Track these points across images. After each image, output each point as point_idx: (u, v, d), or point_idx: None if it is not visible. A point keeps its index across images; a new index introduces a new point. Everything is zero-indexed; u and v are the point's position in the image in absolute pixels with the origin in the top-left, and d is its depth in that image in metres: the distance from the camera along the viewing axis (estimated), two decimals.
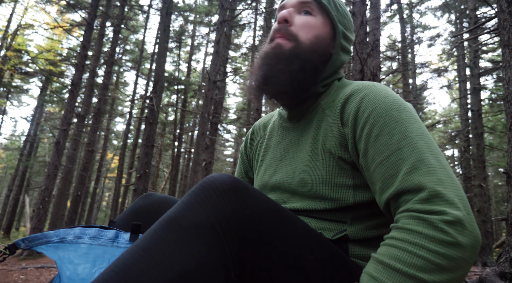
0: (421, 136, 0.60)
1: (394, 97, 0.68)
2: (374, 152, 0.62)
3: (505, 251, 2.73)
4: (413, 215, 0.53)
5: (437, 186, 0.53)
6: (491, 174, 18.56)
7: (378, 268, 0.51)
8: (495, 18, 3.75)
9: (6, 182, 24.87)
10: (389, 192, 0.58)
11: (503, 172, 2.97)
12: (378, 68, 4.70)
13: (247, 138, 1.02)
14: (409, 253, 0.49)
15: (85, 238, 0.67)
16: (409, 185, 0.55)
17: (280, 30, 0.77)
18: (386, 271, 0.50)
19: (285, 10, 0.78)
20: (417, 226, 0.51)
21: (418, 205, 0.53)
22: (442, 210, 0.51)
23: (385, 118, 0.63)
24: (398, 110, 0.64)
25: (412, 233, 0.51)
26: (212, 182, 0.51)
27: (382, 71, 14.72)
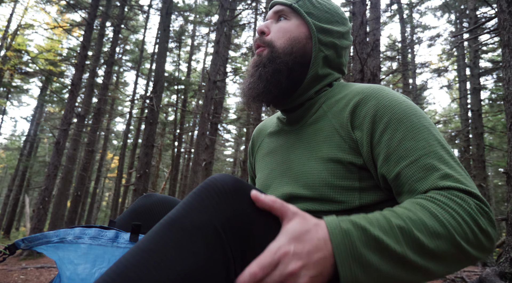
0: (441, 141, 0.65)
1: (409, 102, 0.71)
2: (398, 156, 0.65)
3: (505, 251, 2.73)
4: (452, 194, 0.56)
5: (473, 189, 0.58)
6: (491, 174, 18.56)
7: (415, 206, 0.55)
8: (495, 18, 3.75)
9: (6, 182, 24.88)
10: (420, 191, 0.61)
11: (503, 172, 2.97)
12: (378, 68, 4.70)
13: (250, 148, 1.04)
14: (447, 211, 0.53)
15: (85, 238, 0.67)
16: (445, 185, 0.59)
17: (257, 41, 0.83)
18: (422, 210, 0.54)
19: (263, 23, 0.84)
20: (459, 200, 0.55)
21: (457, 192, 0.57)
22: (481, 204, 0.56)
23: (407, 124, 0.66)
24: (417, 116, 0.68)
25: (452, 201, 0.55)
26: (214, 183, 0.51)
27: (382, 71, 14.73)
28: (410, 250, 0.50)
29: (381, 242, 0.49)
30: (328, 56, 0.81)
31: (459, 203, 0.55)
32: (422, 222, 0.52)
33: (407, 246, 0.50)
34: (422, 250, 0.50)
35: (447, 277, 4.31)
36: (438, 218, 0.52)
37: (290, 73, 0.79)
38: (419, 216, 0.52)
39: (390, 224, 0.51)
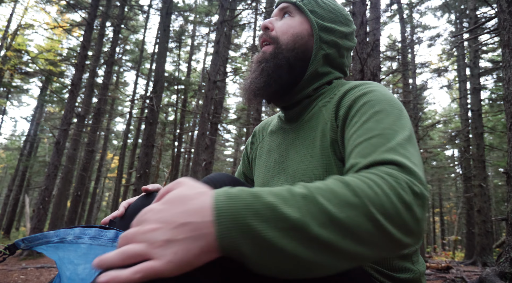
0: (408, 130, 0.60)
1: (391, 95, 0.70)
2: (358, 135, 0.62)
3: (505, 251, 2.73)
4: (382, 170, 0.49)
5: (414, 167, 0.51)
6: (491, 174, 18.56)
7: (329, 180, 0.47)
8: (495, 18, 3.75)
9: (6, 182, 24.88)
10: (361, 164, 0.55)
11: (503, 172, 2.97)
12: (378, 68, 4.69)
13: (249, 141, 1.05)
14: (365, 183, 0.45)
15: (85, 238, 0.67)
16: (384, 159, 0.53)
17: (262, 36, 0.84)
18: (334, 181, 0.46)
19: (267, 20, 0.86)
20: (383, 174, 0.48)
21: (390, 169, 0.50)
22: (413, 180, 0.48)
23: (377, 109, 0.65)
24: (391, 105, 0.66)
25: (375, 175, 0.47)
26: (211, 181, 0.52)
27: (382, 71, 14.72)
28: (314, 220, 0.40)
29: (276, 210, 0.40)
30: (329, 55, 0.82)
31: (383, 176, 0.47)
32: (331, 190, 0.44)
33: (310, 216, 0.40)
34: (330, 221, 0.40)
35: (447, 277, 4.30)
36: (350, 187, 0.44)
37: (290, 69, 0.80)
38: (329, 186, 0.45)
39: (291, 192, 0.43)
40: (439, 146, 16.59)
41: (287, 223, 0.39)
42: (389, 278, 0.68)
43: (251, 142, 1.03)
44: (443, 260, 8.94)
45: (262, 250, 0.39)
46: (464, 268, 6.68)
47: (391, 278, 0.68)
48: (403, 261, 0.71)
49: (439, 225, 24.10)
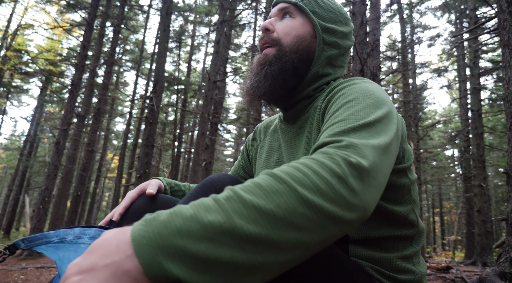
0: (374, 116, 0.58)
1: (371, 87, 0.67)
2: (326, 124, 0.61)
3: (505, 251, 2.73)
4: (320, 151, 0.48)
5: (358, 141, 0.49)
6: (491, 174, 18.56)
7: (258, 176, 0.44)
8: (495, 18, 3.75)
9: (6, 182, 24.87)
10: (313, 148, 0.55)
11: (503, 172, 2.97)
12: (378, 68, 4.69)
13: (249, 139, 1.05)
14: (292, 166, 0.44)
15: (85, 238, 0.67)
16: (330, 140, 0.52)
17: (263, 38, 0.82)
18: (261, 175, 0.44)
19: (267, 20, 0.83)
20: (317, 155, 0.46)
21: (327, 148, 0.49)
22: (349, 154, 0.46)
23: (349, 98, 0.64)
24: (365, 96, 0.64)
25: (307, 159, 0.46)
26: (212, 182, 0.52)
27: (382, 71, 14.72)
28: (242, 220, 0.37)
29: (199, 221, 0.36)
30: (331, 56, 0.82)
31: (315, 157, 0.45)
32: (256, 184, 0.41)
33: (236, 215, 0.37)
34: (258, 214, 0.38)
35: (447, 277, 4.30)
36: (276, 176, 0.42)
37: (295, 72, 0.79)
38: (254, 181, 0.42)
39: (215, 198, 0.40)
40: (439, 146, 16.59)
41: (214, 230, 0.36)
42: (391, 279, 0.68)
43: (252, 140, 1.03)
44: (443, 260, 8.94)
45: (197, 267, 0.35)
46: (464, 268, 6.68)
47: (392, 279, 0.68)
48: (404, 262, 0.70)
49: (439, 225, 24.10)
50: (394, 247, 0.71)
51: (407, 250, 0.72)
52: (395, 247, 0.71)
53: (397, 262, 0.69)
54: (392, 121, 0.61)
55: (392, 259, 0.69)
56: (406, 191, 0.73)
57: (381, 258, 0.69)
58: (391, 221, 0.71)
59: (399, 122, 0.66)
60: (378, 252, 0.70)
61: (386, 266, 0.69)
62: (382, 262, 0.69)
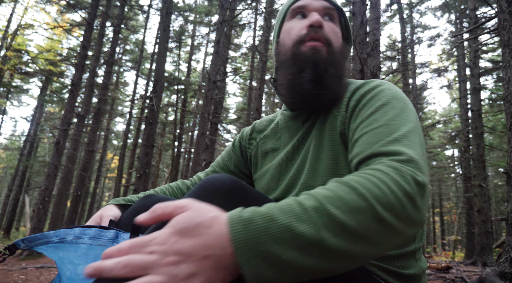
0: (412, 122, 0.62)
1: (398, 90, 0.72)
2: (363, 125, 0.65)
3: (505, 251, 2.73)
4: (386, 164, 0.51)
5: (417, 156, 0.53)
6: (491, 174, 18.56)
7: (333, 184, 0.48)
8: (495, 18, 3.75)
9: (6, 182, 24.88)
10: (364, 154, 0.58)
11: (503, 172, 2.97)
12: (378, 68, 4.69)
13: (246, 135, 1.01)
14: (370, 181, 0.47)
15: (85, 238, 0.67)
16: (388, 150, 0.55)
17: (318, 33, 0.77)
18: (340, 185, 0.47)
19: (316, 15, 0.79)
20: (387, 169, 0.49)
21: (392, 162, 0.52)
22: (415, 171, 0.50)
23: (383, 101, 0.67)
24: (397, 100, 0.67)
25: (380, 172, 0.49)
26: (211, 183, 0.51)
27: (382, 71, 14.72)
28: (329, 233, 0.41)
29: (293, 230, 0.40)
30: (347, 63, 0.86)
31: (387, 172, 0.49)
32: (340, 197, 0.44)
33: (325, 229, 0.41)
34: (342, 231, 0.42)
35: (447, 277, 4.30)
36: (357, 191, 0.45)
37: (341, 80, 0.78)
38: (337, 192, 0.45)
39: (303, 206, 0.43)
40: (439, 146, 16.59)
41: (304, 241, 0.40)
42: (393, 274, 0.69)
43: (250, 137, 1.00)
44: (443, 260, 8.94)
45: (284, 271, 0.40)
46: (464, 268, 6.68)
47: (394, 274, 0.69)
48: (407, 258, 0.71)
49: (439, 225, 24.10)
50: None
51: (411, 247, 0.72)
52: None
53: (400, 258, 0.70)
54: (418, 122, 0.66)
55: (395, 256, 0.70)
56: None
57: (386, 255, 0.69)
58: None
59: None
60: None
61: (389, 262, 0.69)
62: (384, 257, 0.69)
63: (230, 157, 1.03)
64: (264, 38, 11.19)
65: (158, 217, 0.43)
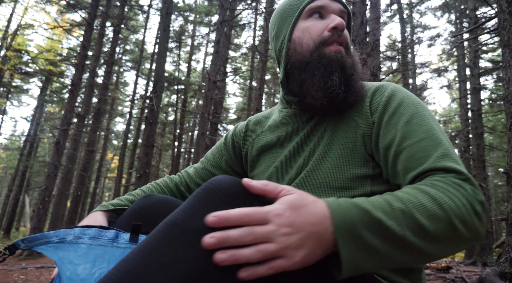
0: (442, 132, 0.68)
1: (416, 97, 0.75)
2: (401, 137, 0.68)
3: (505, 251, 2.73)
4: (451, 180, 0.57)
5: (469, 174, 0.59)
6: (491, 174, 18.56)
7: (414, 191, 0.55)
8: (495, 18, 3.75)
9: (6, 182, 24.88)
10: (419, 170, 0.62)
11: (503, 172, 2.97)
12: (378, 68, 4.69)
13: (240, 132, 0.99)
14: (446, 195, 0.54)
15: (85, 239, 0.67)
16: (443, 166, 0.60)
17: (341, 37, 0.78)
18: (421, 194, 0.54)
19: (339, 18, 0.78)
20: (455, 185, 0.56)
21: (455, 179, 0.58)
22: (476, 191, 0.57)
23: (413, 110, 0.70)
24: (423, 107, 0.72)
25: (450, 186, 0.56)
26: (219, 184, 0.51)
27: (382, 71, 14.71)
28: (410, 232, 0.49)
29: (382, 224, 0.49)
30: None
31: (457, 188, 0.56)
32: (422, 204, 0.52)
33: (407, 228, 0.50)
34: (422, 232, 0.50)
35: (447, 277, 4.30)
36: (437, 201, 0.53)
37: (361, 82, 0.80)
38: (419, 199, 0.53)
39: (392, 206, 0.51)
40: None
41: (390, 234, 0.49)
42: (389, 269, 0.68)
43: (244, 134, 0.98)
44: (443, 260, 8.94)
45: (370, 255, 0.48)
46: (464, 268, 6.68)
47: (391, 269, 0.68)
48: None
49: None
50: None
51: None
52: None
53: None
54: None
55: None
56: None
57: None
58: None
59: None
60: None
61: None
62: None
63: (222, 155, 1.00)
64: (264, 38, 11.19)
65: (268, 191, 0.50)
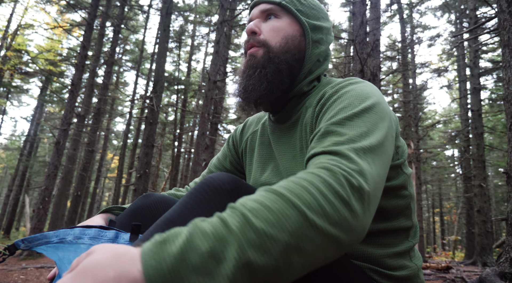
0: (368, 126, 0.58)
1: (365, 90, 0.67)
2: (319, 129, 0.61)
3: (505, 251, 2.73)
4: (322, 165, 0.48)
5: (357, 157, 0.49)
6: (491, 174, 18.55)
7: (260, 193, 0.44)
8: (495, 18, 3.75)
9: (6, 182, 24.87)
10: (311, 152, 0.55)
11: (503, 172, 2.97)
12: (378, 68, 4.69)
13: (237, 132, 1.03)
14: (299, 185, 0.43)
15: (85, 239, 0.67)
16: (329, 150, 0.52)
17: (249, 41, 0.81)
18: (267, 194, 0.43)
19: (251, 23, 0.82)
20: (319, 170, 0.47)
21: (331, 161, 0.48)
22: (351, 172, 0.46)
23: (345, 104, 0.63)
24: (360, 100, 0.63)
25: (311, 174, 0.46)
26: (211, 182, 0.51)
27: (382, 71, 14.72)
28: (255, 252, 0.37)
29: (216, 256, 0.36)
30: (320, 53, 0.82)
31: (319, 173, 0.45)
32: (266, 207, 0.40)
33: (251, 247, 0.37)
34: (271, 245, 0.38)
35: (447, 277, 4.30)
36: (285, 198, 0.41)
37: (290, 72, 0.79)
38: (263, 202, 0.41)
39: (226, 224, 0.38)
40: (439, 146, 16.59)
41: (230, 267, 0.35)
42: (387, 277, 0.68)
43: (241, 134, 1.01)
44: (443, 260, 8.94)
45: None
46: (464, 268, 6.68)
47: (388, 277, 0.68)
48: (400, 258, 0.71)
49: (439, 225, 24.10)
50: (391, 243, 0.71)
51: (404, 245, 0.72)
52: (392, 242, 0.71)
53: (392, 258, 0.70)
54: (384, 119, 0.61)
55: (389, 256, 0.69)
56: (402, 186, 0.74)
57: (377, 255, 0.69)
58: (388, 215, 0.72)
59: (392, 120, 0.67)
60: (375, 248, 0.70)
61: (382, 264, 0.69)
62: (377, 260, 0.69)
63: (226, 156, 1.03)
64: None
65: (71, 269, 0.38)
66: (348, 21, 15.31)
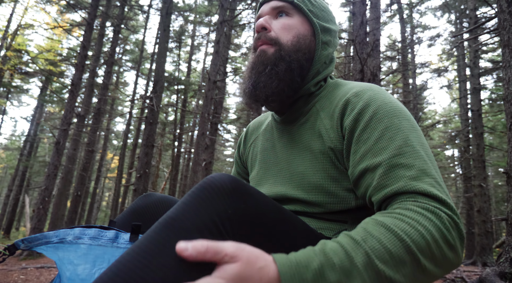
0: (421, 145, 0.62)
1: (395, 103, 0.69)
2: (372, 155, 0.62)
3: (505, 251, 2.73)
4: (422, 206, 0.53)
5: (446, 197, 0.55)
6: (491, 174, 18.55)
7: (379, 230, 0.49)
8: (495, 18, 3.75)
9: (6, 182, 24.87)
10: (389, 190, 0.58)
11: (503, 172, 2.97)
12: (378, 68, 4.69)
13: (241, 139, 1.03)
14: (416, 230, 0.49)
15: (85, 239, 0.67)
16: (416, 189, 0.56)
17: (260, 38, 0.80)
18: (387, 234, 0.49)
19: (262, 19, 0.81)
20: (427, 213, 0.52)
21: (429, 205, 0.53)
22: (452, 215, 0.53)
23: (386, 123, 0.64)
24: (399, 118, 0.65)
25: (420, 215, 0.51)
26: (212, 182, 0.51)
27: (382, 71, 14.72)
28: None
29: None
30: (328, 55, 0.82)
31: (430, 217, 0.51)
32: (387, 250, 0.47)
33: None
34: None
35: (447, 277, 4.31)
36: (405, 242, 0.48)
37: (301, 71, 0.78)
38: (384, 243, 0.47)
39: (352, 261, 0.45)
40: (439, 146, 16.58)
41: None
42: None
43: (244, 141, 1.01)
44: None
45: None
46: (464, 268, 6.68)
47: None
48: None
49: None
50: None
51: None
52: None
53: None
54: (417, 127, 0.67)
55: None
56: None
57: None
58: None
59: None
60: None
61: None
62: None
63: (238, 164, 1.05)
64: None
65: (207, 259, 0.42)
66: (348, 21, 15.31)
